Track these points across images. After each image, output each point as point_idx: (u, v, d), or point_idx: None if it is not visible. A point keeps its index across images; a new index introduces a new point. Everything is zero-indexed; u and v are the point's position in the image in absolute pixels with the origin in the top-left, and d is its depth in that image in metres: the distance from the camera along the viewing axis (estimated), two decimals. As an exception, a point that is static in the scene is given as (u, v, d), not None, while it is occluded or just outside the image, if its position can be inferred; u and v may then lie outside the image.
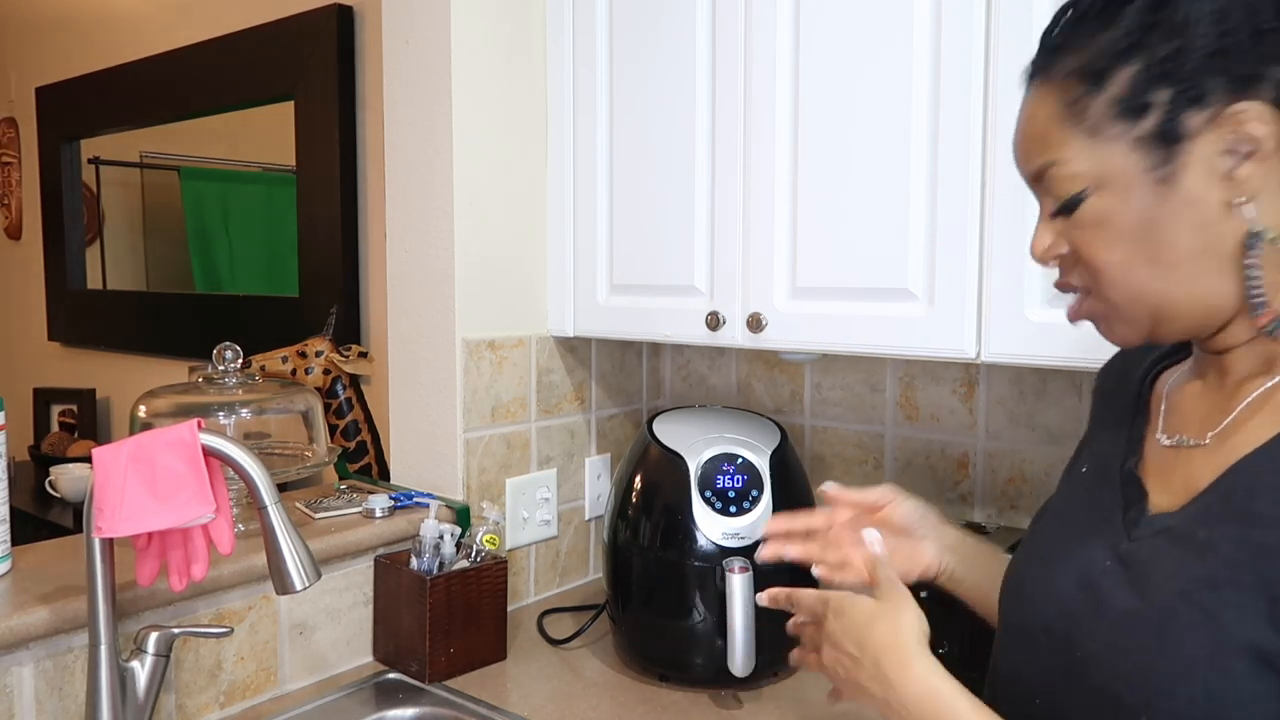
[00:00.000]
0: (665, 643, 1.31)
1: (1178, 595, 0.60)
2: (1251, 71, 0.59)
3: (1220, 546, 0.59)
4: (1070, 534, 0.74)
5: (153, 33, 2.76)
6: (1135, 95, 0.62)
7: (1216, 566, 0.59)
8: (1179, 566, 0.61)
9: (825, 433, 1.65)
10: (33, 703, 1.03)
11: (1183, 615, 0.59)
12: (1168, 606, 0.60)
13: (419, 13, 1.46)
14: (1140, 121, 0.62)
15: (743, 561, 1.23)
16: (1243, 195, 0.60)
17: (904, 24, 1.16)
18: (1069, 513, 0.77)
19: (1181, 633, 0.59)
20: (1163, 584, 0.62)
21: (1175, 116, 0.61)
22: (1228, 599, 0.58)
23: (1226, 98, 0.59)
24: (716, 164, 1.35)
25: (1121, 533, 0.68)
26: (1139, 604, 0.62)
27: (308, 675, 1.30)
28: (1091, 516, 0.72)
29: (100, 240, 3.16)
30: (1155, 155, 0.62)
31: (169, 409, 1.27)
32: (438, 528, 1.33)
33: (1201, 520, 0.62)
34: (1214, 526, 0.60)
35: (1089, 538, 0.70)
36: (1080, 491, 0.77)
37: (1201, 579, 0.59)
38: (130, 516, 0.92)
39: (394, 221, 1.54)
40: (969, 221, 1.12)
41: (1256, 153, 0.59)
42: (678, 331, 1.41)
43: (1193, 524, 0.62)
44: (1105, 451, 0.76)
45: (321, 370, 1.98)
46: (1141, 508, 0.68)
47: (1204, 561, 0.60)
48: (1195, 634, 0.58)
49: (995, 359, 1.12)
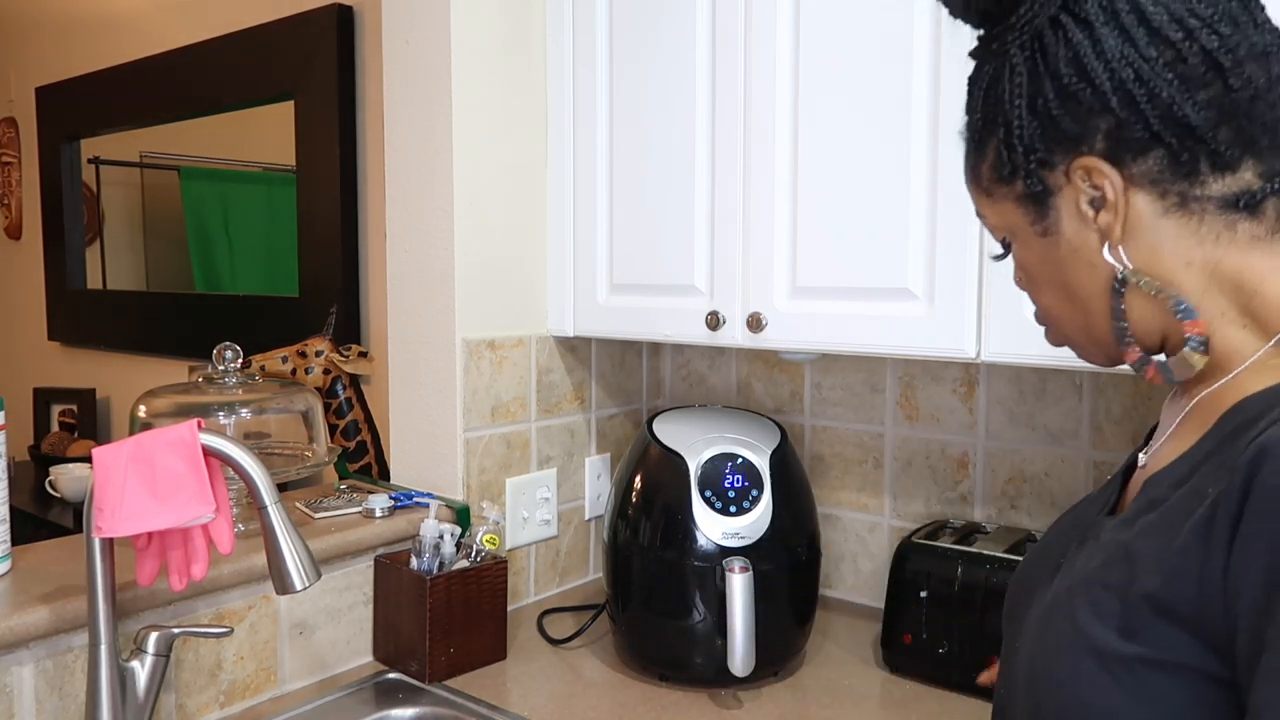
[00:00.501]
0: (665, 642, 1.31)
1: (1063, 589, 0.64)
2: (1075, 131, 0.62)
3: (1109, 549, 0.62)
4: (1060, 529, 0.77)
5: (153, 32, 2.76)
6: (1002, 163, 0.66)
7: (1096, 567, 0.61)
8: (1080, 565, 0.64)
9: (825, 432, 1.65)
10: (33, 702, 1.03)
11: (1059, 608, 0.63)
12: (1053, 599, 0.64)
13: (419, 12, 1.46)
14: (1014, 183, 0.67)
15: (743, 561, 1.23)
16: (1108, 240, 0.64)
17: (904, 23, 1.16)
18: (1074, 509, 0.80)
19: (1053, 624, 0.63)
20: (1064, 580, 0.65)
21: (1034, 177, 0.65)
22: (1089, 595, 0.60)
23: (1067, 156, 0.63)
24: (716, 163, 1.35)
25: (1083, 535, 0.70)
26: (1047, 597, 0.66)
27: (308, 675, 1.30)
28: (1081, 515, 0.76)
29: (100, 240, 3.16)
30: (1034, 211, 0.67)
31: (169, 409, 1.27)
32: (438, 527, 1.33)
33: (1116, 527, 0.64)
34: (1117, 531, 0.63)
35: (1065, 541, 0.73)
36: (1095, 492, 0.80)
37: (1083, 577, 0.62)
38: (130, 516, 0.92)
39: (394, 221, 1.54)
40: (969, 221, 1.12)
41: (1106, 202, 0.63)
42: (678, 331, 1.41)
43: (1113, 529, 0.64)
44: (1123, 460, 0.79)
45: (321, 370, 1.98)
46: (1108, 513, 0.71)
47: (1093, 561, 0.62)
48: (1061, 625, 0.62)
49: (995, 359, 1.12)
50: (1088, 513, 0.74)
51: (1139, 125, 0.60)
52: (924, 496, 1.54)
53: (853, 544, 1.62)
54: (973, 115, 0.69)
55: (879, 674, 1.34)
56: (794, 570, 1.32)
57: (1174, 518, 0.57)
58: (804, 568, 1.34)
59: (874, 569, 1.58)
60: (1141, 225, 0.63)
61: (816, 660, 1.39)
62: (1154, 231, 0.62)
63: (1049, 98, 0.62)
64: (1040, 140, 0.64)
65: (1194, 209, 0.61)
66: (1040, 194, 0.66)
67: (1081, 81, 0.61)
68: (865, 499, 1.60)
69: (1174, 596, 0.55)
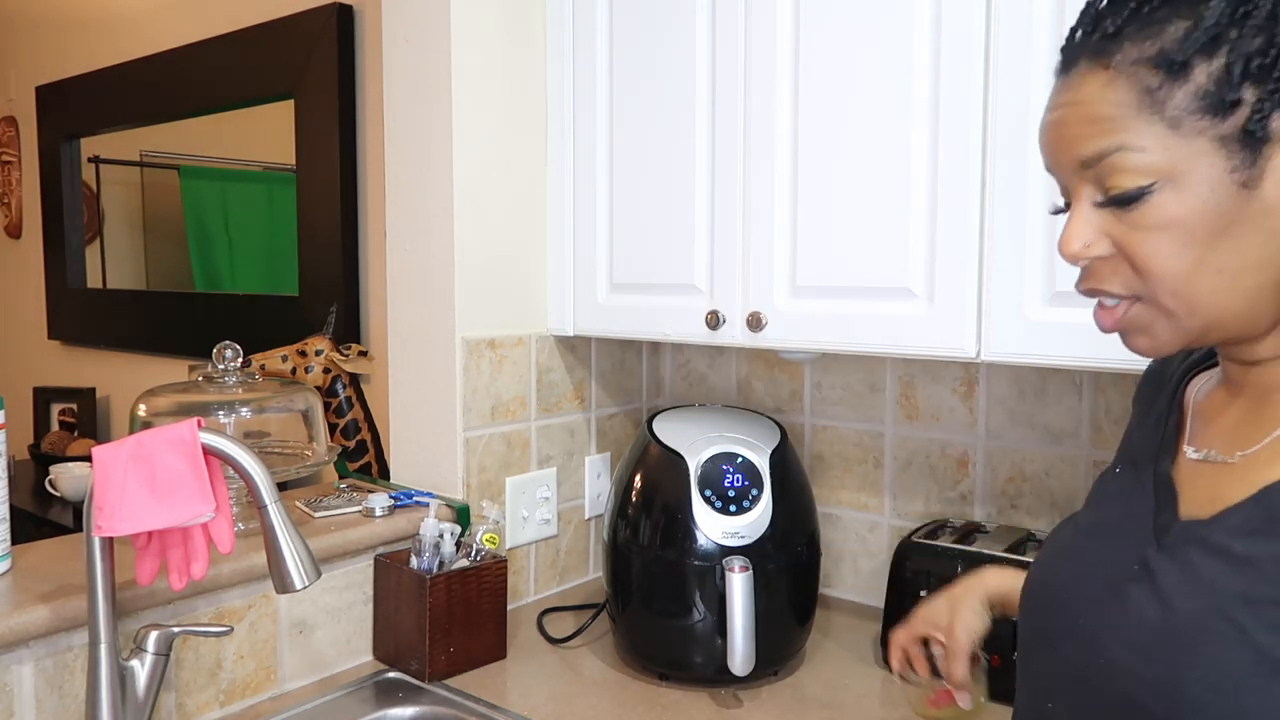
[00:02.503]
0: (665, 642, 1.31)
1: (1213, 609, 0.59)
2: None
3: (1260, 564, 0.58)
4: (1100, 534, 0.72)
5: (153, 31, 2.76)
6: (1221, 90, 0.58)
7: (1255, 583, 0.57)
8: (1214, 579, 0.60)
9: (825, 432, 1.65)
10: (33, 701, 1.04)
11: (1216, 629, 0.58)
12: (1200, 619, 0.59)
13: (419, 11, 1.46)
14: (1226, 119, 0.58)
15: (743, 560, 1.23)
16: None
17: (904, 22, 1.16)
18: (1100, 513, 0.75)
19: (1216, 647, 0.58)
20: (1195, 595, 0.60)
21: (1263, 117, 0.57)
22: (1265, 616, 0.56)
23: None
24: (716, 162, 1.35)
25: (1151, 538, 0.66)
26: (1169, 614, 0.61)
27: (307, 674, 1.30)
28: (1122, 517, 0.70)
29: (100, 239, 3.16)
30: (1239, 156, 0.58)
31: (169, 408, 1.27)
32: (437, 527, 1.33)
33: (1238, 534, 0.60)
34: (1253, 542, 0.59)
35: (1118, 540, 0.68)
36: (1114, 492, 0.75)
37: (1238, 594, 0.58)
38: (130, 515, 0.92)
39: (394, 220, 1.54)
40: (969, 220, 1.12)
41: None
42: (677, 330, 1.41)
43: (1228, 537, 0.60)
44: (1138, 453, 0.74)
45: (321, 369, 1.98)
46: (1173, 513, 0.66)
47: (1243, 576, 0.58)
48: (1230, 649, 0.57)
49: (995, 358, 1.12)
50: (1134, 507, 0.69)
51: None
52: (924, 496, 1.54)
53: (853, 543, 1.62)
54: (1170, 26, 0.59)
55: (879, 673, 1.34)
56: (794, 569, 1.32)
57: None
58: (804, 567, 1.34)
59: (874, 568, 1.58)
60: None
61: (816, 659, 1.39)
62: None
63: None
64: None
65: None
66: (1258, 139, 0.58)
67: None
68: (865, 498, 1.60)
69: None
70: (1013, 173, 1.09)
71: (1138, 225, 0.61)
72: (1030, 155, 1.07)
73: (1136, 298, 0.63)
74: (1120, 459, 0.77)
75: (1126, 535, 0.68)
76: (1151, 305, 0.63)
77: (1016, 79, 1.08)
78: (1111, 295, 0.64)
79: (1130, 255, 0.62)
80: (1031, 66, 1.06)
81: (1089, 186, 0.63)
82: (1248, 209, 0.58)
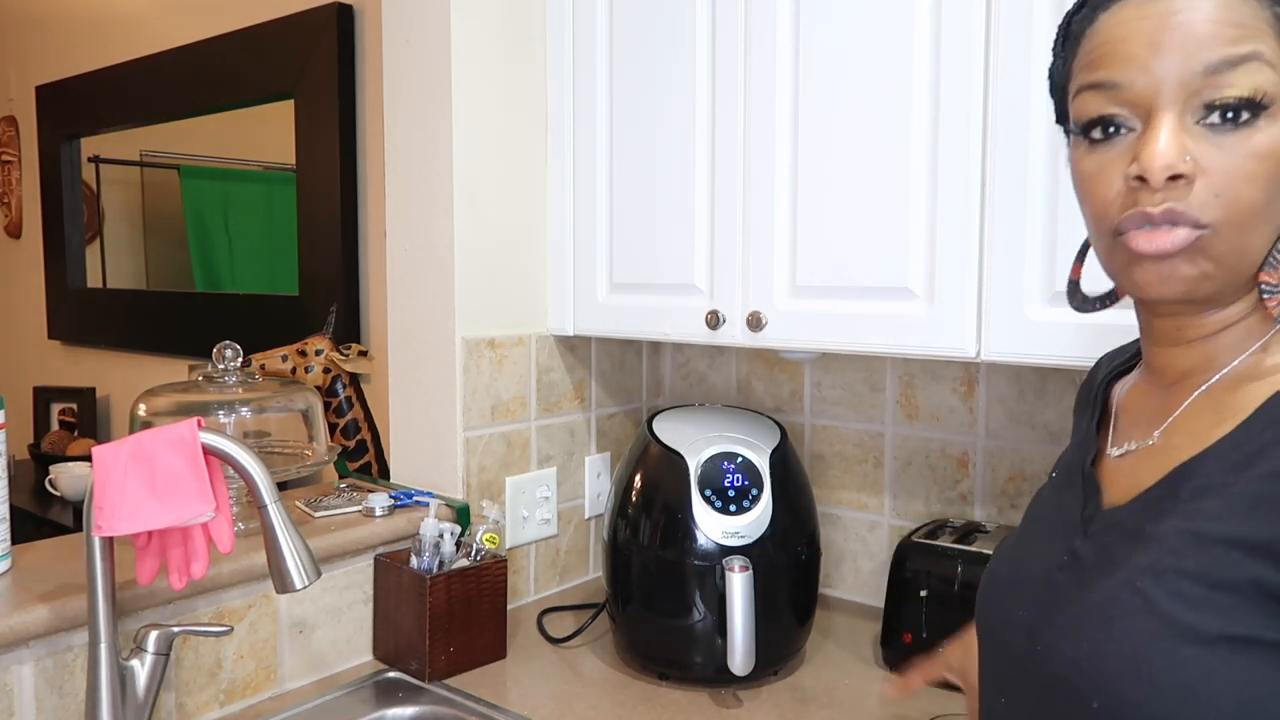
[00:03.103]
0: (665, 641, 1.31)
1: (1124, 584, 0.61)
2: None
3: (1164, 538, 0.60)
4: (1035, 535, 0.75)
5: (153, 31, 2.76)
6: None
7: (1159, 555, 0.60)
8: (1125, 557, 0.63)
9: (825, 431, 1.65)
10: (33, 701, 1.04)
11: (1126, 602, 0.60)
12: (1112, 594, 0.62)
13: (419, 12, 1.46)
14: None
15: (743, 560, 1.23)
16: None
17: (904, 21, 1.16)
18: (1037, 516, 0.79)
19: (1125, 618, 0.60)
20: (1109, 574, 0.63)
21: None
22: (1168, 585, 0.59)
23: None
24: (716, 162, 1.35)
25: (1079, 529, 0.69)
26: (1088, 593, 0.64)
27: (307, 674, 1.30)
28: (1055, 517, 0.74)
29: (100, 239, 3.16)
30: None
31: (169, 407, 1.27)
32: (438, 526, 1.33)
33: (1147, 514, 0.63)
34: (1160, 520, 0.62)
35: (1051, 537, 0.72)
36: (1049, 495, 0.79)
37: (1144, 567, 0.60)
38: (130, 515, 0.92)
39: (394, 220, 1.54)
40: (969, 220, 1.12)
41: None
42: (677, 330, 1.41)
43: (1139, 517, 0.63)
44: (1070, 457, 0.78)
45: (321, 369, 1.98)
46: (1096, 504, 0.69)
47: (1148, 551, 0.61)
48: (1137, 620, 0.59)
49: (995, 358, 1.12)
50: (1065, 504, 0.73)
51: None
52: (924, 496, 1.54)
53: (853, 543, 1.62)
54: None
55: (879, 673, 1.34)
56: (794, 569, 1.32)
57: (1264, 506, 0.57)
58: (804, 567, 1.34)
59: (874, 568, 1.59)
60: None
61: (816, 659, 1.39)
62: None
63: None
64: None
65: None
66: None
67: None
68: (865, 498, 1.60)
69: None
70: (1013, 172, 1.09)
71: (1233, 150, 0.59)
72: (1032, 154, 1.07)
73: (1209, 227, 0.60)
74: (1059, 464, 0.81)
75: (1058, 530, 0.72)
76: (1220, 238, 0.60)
77: (1017, 78, 1.08)
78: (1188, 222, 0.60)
79: (1220, 182, 0.59)
80: (1032, 66, 1.06)
81: (1191, 100, 0.59)
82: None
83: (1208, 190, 0.59)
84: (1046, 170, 1.06)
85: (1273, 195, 0.59)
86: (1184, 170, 0.59)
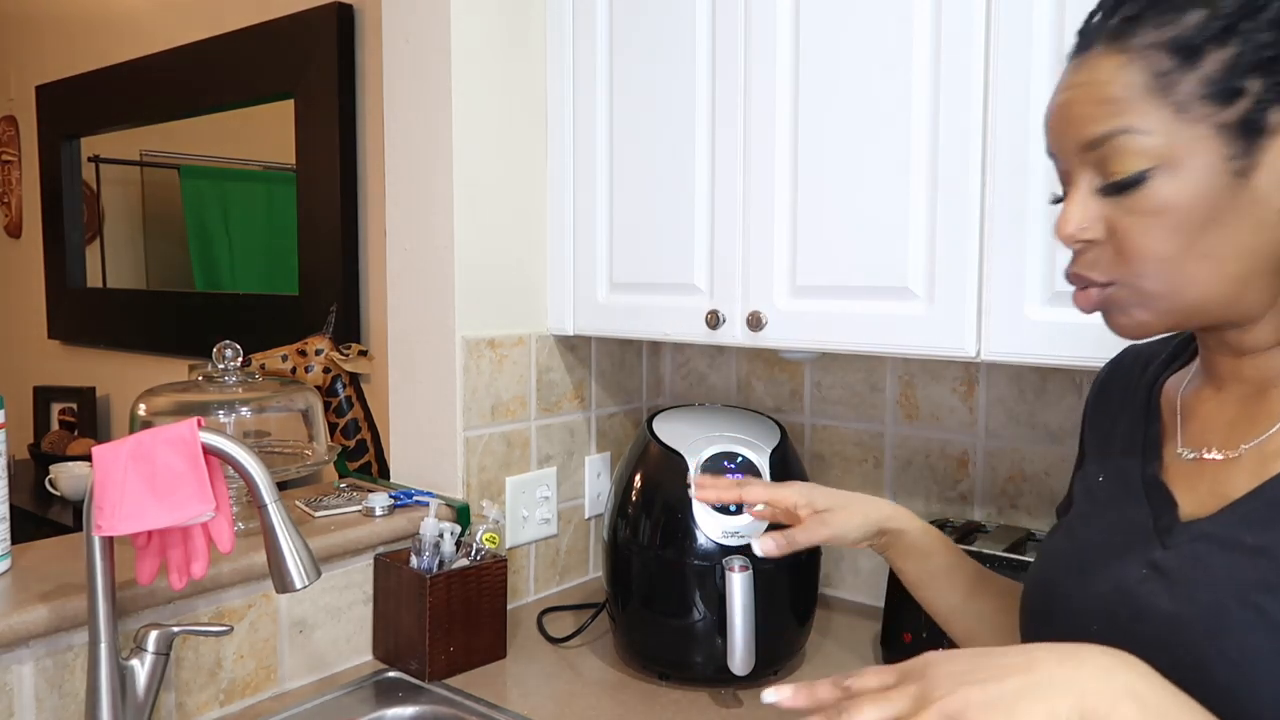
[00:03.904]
0: (665, 641, 1.31)
1: (1231, 597, 0.59)
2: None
3: (1273, 552, 0.58)
4: (1100, 545, 0.72)
5: (153, 31, 2.76)
6: (1228, 79, 0.59)
7: (1270, 571, 0.58)
8: (1228, 570, 0.60)
9: (825, 431, 1.65)
10: (33, 701, 1.04)
11: (1236, 615, 0.58)
12: (1221, 608, 0.59)
13: (419, 11, 1.46)
14: (1228, 107, 0.59)
15: (743, 560, 1.23)
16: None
17: (904, 21, 1.16)
18: (1096, 524, 0.75)
19: (1239, 633, 0.58)
20: (1211, 587, 0.61)
21: (1263, 109, 0.59)
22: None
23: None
24: (716, 162, 1.35)
25: (1155, 541, 0.66)
26: (1185, 607, 0.61)
27: (307, 674, 1.30)
28: (1120, 527, 0.70)
29: (100, 238, 3.16)
30: (1236, 145, 0.60)
31: (169, 407, 1.26)
32: (437, 526, 1.33)
33: (1246, 526, 0.61)
34: (1263, 532, 0.59)
35: (1120, 549, 0.69)
36: (1104, 501, 0.75)
37: (1255, 582, 0.58)
38: (130, 515, 0.92)
39: (394, 220, 1.54)
40: (969, 219, 1.12)
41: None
42: (677, 330, 1.41)
43: (1236, 530, 0.61)
44: (1122, 460, 0.74)
45: (321, 368, 1.98)
46: (1173, 516, 0.67)
47: (1256, 565, 0.59)
48: (1252, 634, 0.58)
49: (995, 358, 1.12)
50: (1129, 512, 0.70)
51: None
52: (924, 495, 1.54)
53: (852, 543, 1.61)
54: (1200, 12, 0.61)
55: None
56: (794, 569, 1.32)
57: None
58: (804, 566, 1.34)
59: (874, 568, 1.58)
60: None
61: (816, 659, 1.39)
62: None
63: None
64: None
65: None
66: (1256, 130, 0.59)
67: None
68: (865, 498, 1.60)
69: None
70: (1013, 172, 1.09)
71: (1132, 210, 0.63)
72: (1031, 154, 1.07)
73: (1113, 282, 0.65)
74: (1102, 466, 0.77)
75: (1128, 543, 0.68)
76: (1131, 289, 0.64)
77: (1017, 78, 1.07)
78: (1091, 283, 0.66)
79: (1121, 239, 0.64)
80: (1032, 65, 1.06)
81: (1089, 171, 0.65)
82: (1239, 198, 0.60)
83: (1111, 250, 0.64)
84: (1047, 169, 1.06)
85: (1190, 236, 0.61)
86: (1086, 238, 0.65)
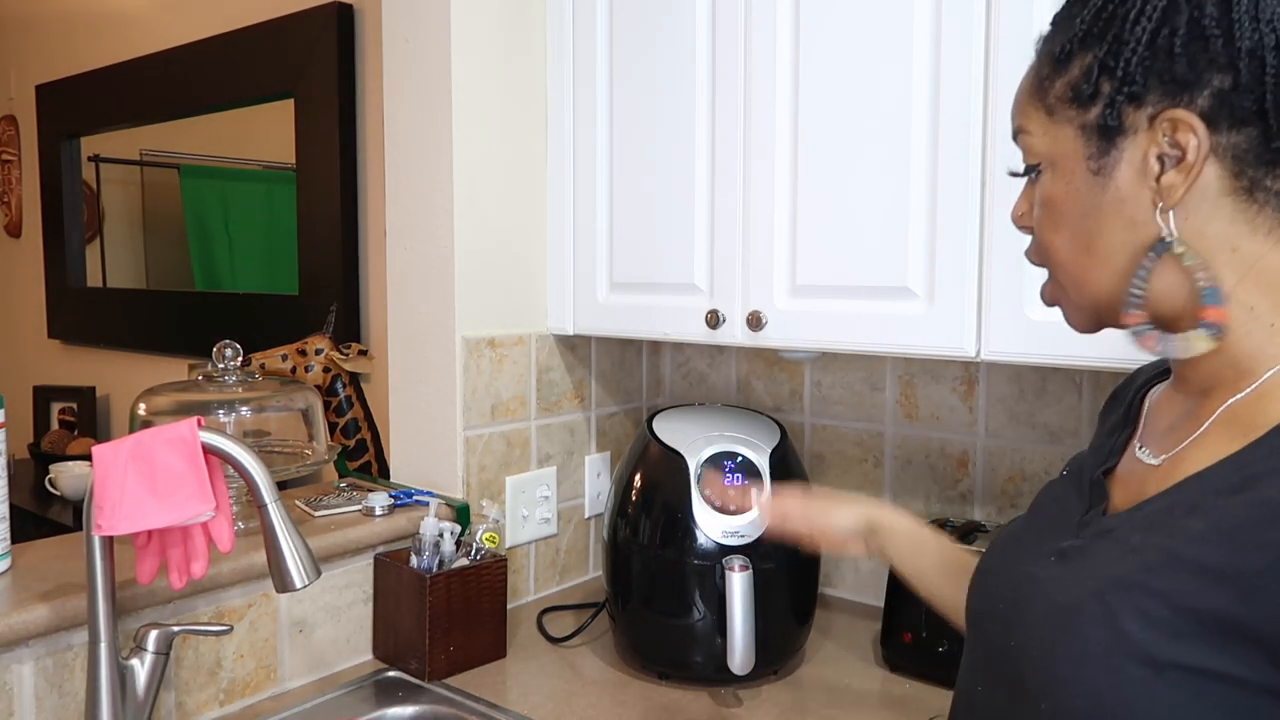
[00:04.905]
0: (665, 641, 1.31)
1: (1091, 593, 0.61)
2: (1187, 77, 0.59)
3: (1146, 552, 0.59)
4: (1030, 531, 0.75)
5: (153, 30, 2.76)
6: (1086, 83, 0.63)
7: (1133, 569, 0.59)
8: (1101, 565, 0.62)
9: (825, 431, 1.65)
10: (33, 700, 1.04)
11: (1089, 611, 0.60)
12: (1078, 602, 0.61)
13: (419, 11, 1.46)
14: (1088, 109, 0.63)
15: (742, 559, 1.23)
16: (1162, 202, 0.61)
17: (904, 21, 1.16)
18: (1035, 512, 0.78)
19: (1083, 628, 0.60)
20: (1082, 580, 0.62)
21: (1115, 110, 0.61)
22: (1134, 601, 0.58)
23: (1163, 101, 0.60)
24: (716, 162, 1.35)
25: (1072, 530, 0.69)
26: (1060, 596, 0.63)
27: (307, 673, 1.30)
28: (1053, 517, 0.74)
29: (100, 238, 3.16)
30: (1095, 145, 0.63)
31: (169, 407, 1.27)
32: (437, 526, 1.33)
33: (1139, 526, 0.62)
34: (1147, 533, 0.60)
35: (1044, 535, 0.71)
36: (1052, 493, 0.78)
37: (1116, 579, 0.59)
38: (130, 514, 0.92)
39: (394, 219, 1.54)
40: (969, 219, 1.12)
41: (1181, 162, 0.59)
42: (677, 330, 1.41)
43: (1130, 528, 0.62)
44: (1086, 459, 0.77)
45: (321, 368, 1.98)
46: (1099, 510, 0.69)
47: (1125, 563, 0.60)
48: (1095, 630, 0.59)
49: (995, 357, 1.12)
50: (1068, 506, 0.72)
51: (1253, 96, 0.57)
52: (924, 495, 1.54)
53: (852, 543, 1.61)
54: (1068, 23, 0.64)
55: (879, 672, 1.34)
56: (794, 569, 1.32)
57: (1242, 534, 0.54)
58: (804, 566, 1.34)
59: (874, 567, 1.58)
60: (1203, 198, 0.60)
61: (816, 659, 1.39)
62: (1212, 207, 0.60)
63: (1178, 32, 0.58)
64: (1143, 74, 0.60)
65: (1259, 198, 0.59)
66: (1112, 130, 0.62)
67: (1219, 29, 0.57)
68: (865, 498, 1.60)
69: (1254, 617, 0.53)
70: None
71: (1039, 202, 0.68)
72: (1030, 154, 1.07)
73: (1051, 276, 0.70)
74: (1071, 463, 0.80)
75: (1052, 532, 0.71)
76: (1057, 283, 0.70)
77: (1017, 77, 1.07)
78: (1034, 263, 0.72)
79: (1035, 229, 0.70)
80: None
81: None
82: (1104, 197, 0.63)
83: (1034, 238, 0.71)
84: (1046, 170, 1.06)
85: (1071, 231, 0.66)
86: (1024, 224, 0.71)
